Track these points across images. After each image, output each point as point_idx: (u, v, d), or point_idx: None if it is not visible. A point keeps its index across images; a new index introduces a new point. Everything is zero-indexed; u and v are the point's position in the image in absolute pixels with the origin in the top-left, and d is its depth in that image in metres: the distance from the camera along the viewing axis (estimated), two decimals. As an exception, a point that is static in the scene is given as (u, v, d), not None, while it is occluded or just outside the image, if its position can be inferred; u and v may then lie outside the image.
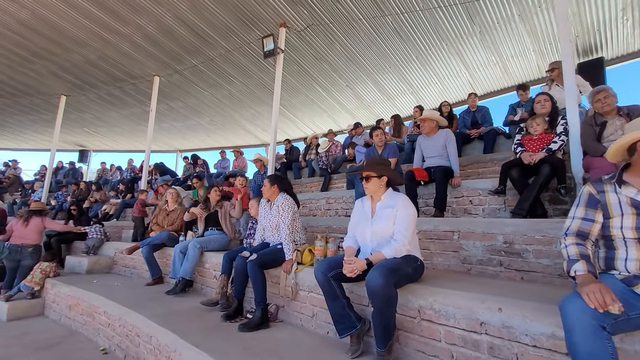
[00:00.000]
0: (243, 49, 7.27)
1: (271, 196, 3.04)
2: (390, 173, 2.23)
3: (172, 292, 3.60)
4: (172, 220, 4.50)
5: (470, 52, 6.93)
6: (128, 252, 4.18)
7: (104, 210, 8.29)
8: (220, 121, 11.47)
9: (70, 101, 10.24)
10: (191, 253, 3.59)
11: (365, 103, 9.53)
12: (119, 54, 7.64)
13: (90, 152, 15.72)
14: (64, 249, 6.24)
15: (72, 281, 4.36)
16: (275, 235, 3.02)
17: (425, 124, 3.75)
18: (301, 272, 2.73)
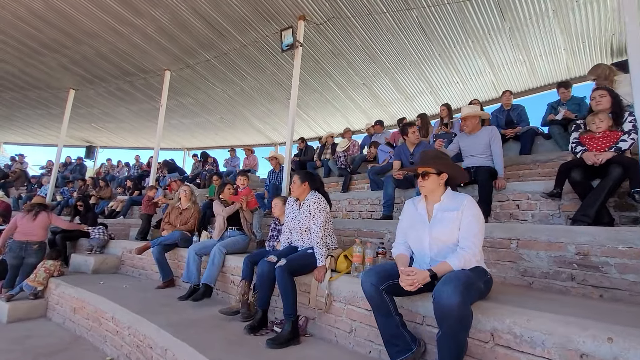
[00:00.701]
0: (259, 43, 7.01)
1: (301, 195, 2.74)
2: (452, 169, 1.92)
3: (187, 298, 3.31)
4: (186, 219, 4.21)
5: (497, 50, 6.60)
6: (138, 252, 3.90)
7: (110, 207, 8.05)
8: (230, 119, 11.22)
9: (79, 95, 10.06)
10: (217, 258, 3.29)
11: (381, 102, 9.22)
12: (131, 46, 7.42)
13: (97, 148, 15.57)
14: (68, 246, 5.99)
15: (77, 281, 4.08)
16: (304, 238, 2.71)
17: (467, 122, 3.44)
18: (336, 280, 2.42)
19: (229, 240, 3.53)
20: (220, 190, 3.88)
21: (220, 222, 3.68)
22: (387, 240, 3.09)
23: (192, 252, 3.47)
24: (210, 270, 3.27)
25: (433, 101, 8.82)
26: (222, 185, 3.88)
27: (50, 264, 4.44)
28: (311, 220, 2.63)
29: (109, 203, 8.36)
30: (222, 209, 3.69)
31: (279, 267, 2.40)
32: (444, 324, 1.50)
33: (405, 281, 1.66)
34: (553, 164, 3.67)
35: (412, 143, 3.87)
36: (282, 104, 9.78)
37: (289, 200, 2.89)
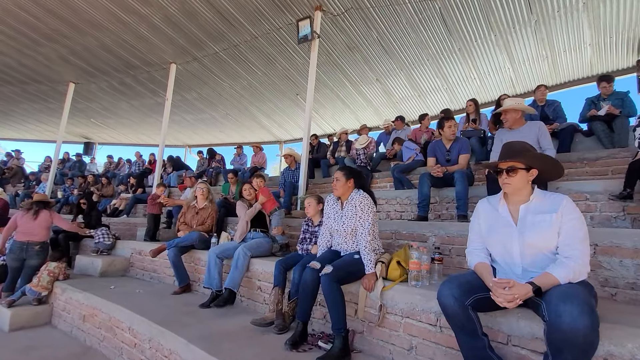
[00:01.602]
0: (271, 35, 6.71)
1: (344, 193, 2.46)
2: (545, 163, 1.65)
3: (209, 305, 3.02)
4: (202, 219, 3.92)
5: (519, 44, 6.37)
6: (153, 255, 3.61)
7: (113, 205, 7.72)
8: (235, 115, 10.90)
9: (78, 89, 9.70)
10: (241, 261, 3.01)
11: (394, 100, 8.96)
12: (136, 38, 7.09)
13: (96, 145, 15.17)
14: (72, 246, 5.67)
15: (85, 286, 3.78)
16: (349, 241, 2.43)
17: (508, 115, 3.18)
18: (390, 290, 2.15)
19: (252, 243, 3.25)
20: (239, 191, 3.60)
21: (242, 225, 3.39)
22: (431, 244, 2.82)
23: (213, 255, 3.18)
24: (233, 274, 2.99)
25: (447, 99, 8.59)
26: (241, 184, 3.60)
27: (54, 267, 4.13)
28: (358, 221, 2.35)
29: (111, 201, 8.02)
30: (244, 212, 3.41)
31: (326, 276, 2.13)
32: (563, 351, 1.24)
33: (503, 296, 1.39)
34: (603, 163, 3.43)
35: (448, 139, 3.60)
36: (291, 100, 9.49)
37: (329, 199, 2.61)
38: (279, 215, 3.47)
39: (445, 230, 2.79)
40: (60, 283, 3.95)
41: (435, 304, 1.91)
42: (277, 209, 3.50)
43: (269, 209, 3.47)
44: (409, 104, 9.09)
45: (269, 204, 3.46)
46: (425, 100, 8.79)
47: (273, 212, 3.48)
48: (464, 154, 3.49)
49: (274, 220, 3.48)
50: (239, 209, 3.47)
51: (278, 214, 3.47)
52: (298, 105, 9.79)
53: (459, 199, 3.23)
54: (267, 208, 3.48)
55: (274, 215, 3.47)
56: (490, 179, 3.04)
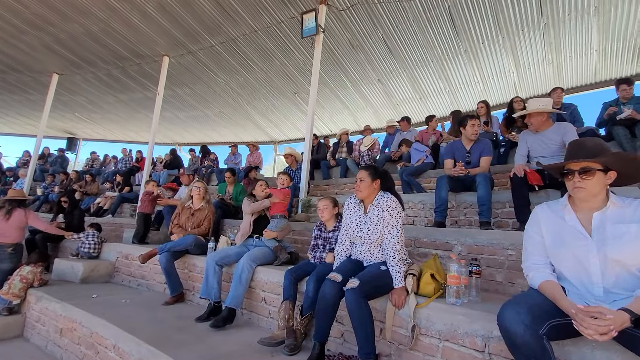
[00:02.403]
0: (271, 29, 6.41)
1: (369, 196, 2.17)
2: (629, 166, 1.40)
3: (206, 319, 2.68)
4: (199, 221, 3.56)
5: (526, 48, 6.25)
6: (143, 261, 3.23)
7: (97, 204, 7.23)
8: (229, 113, 10.51)
9: (62, 81, 9.16)
10: (245, 274, 2.67)
11: (394, 101, 8.76)
12: (127, 27, 6.67)
13: (80, 141, 14.49)
14: (50, 248, 5.20)
15: (64, 294, 3.37)
16: (374, 251, 2.14)
17: (532, 119, 2.97)
18: (424, 308, 1.87)
19: (257, 252, 2.91)
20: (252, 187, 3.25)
21: (245, 225, 3.06)
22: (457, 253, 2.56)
23: (212, 263, 2.84)
24: (236, 290, 2.65)
25: (448, 101, 8.44)
26: (255, 181, 3.26)
27: (27, 271, 3.68)
28: (385, 228, 2.07)
29: (95, 199, 7.52)
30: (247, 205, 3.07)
31: (352, 291, 1.83)
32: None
33: (594, 328, 1.13)
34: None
35: (470, 139, 3.37)
36: (288, 99, 9.18)
37: (349, 202, 2.32)
38: (280, 223, 3.12)
39: (473, 238, 2.54)
40: (34, 290, 3.52)
41: (481, 327, 1.65)
42: (282, 217, 3.15)
43: (274, 211, 3.13)
44: (409, 106, 8.90)
45: (278, 206, 3.12)
46: (426, 103, 8.63)
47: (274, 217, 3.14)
48: (486, 156, 3.26)
49: (271, 223, 3.14)
50: (245, 204, 3.13)
51: (279, 221, 3.12)
52: (295, 105, 9.50)
53: (482, 204, 2.99)
54: (273, 210, 3.15)
55: (274, 220, 3.13)
56: (516, 183, 2.80)
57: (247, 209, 3.10)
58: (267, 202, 3.08)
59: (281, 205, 3.14)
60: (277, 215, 3.12)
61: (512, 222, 3.12)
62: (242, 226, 3.13)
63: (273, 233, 3.03)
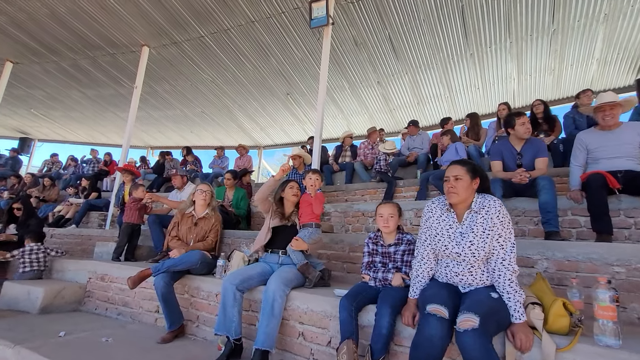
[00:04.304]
0: (270, 20, 5.85)
1: (466, 199, 1.66)
2: None
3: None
4: (204, 232, 2.86)
5: (532, 54, 6.17)
6: (133, 285, 2.47)
7: (57, 213, 6.15)
8: (212, 113, 9.71)
9: (17, 71, 7.98)
10: (279, 305, 2.03)
11: (391, 106, 8.47)
12: (101, 9, 5.84)
13: (35, 142, 12.87)
14: (-5, 267, 4.17)
15: (17, 332, 2.51)
16: (476, 272, 1.62)
17: (614, 111, 2.65)
18: (568, 352, 1.36)
19: (287, 272, 2.28)
20: (281, 189, 2.62)
21: (263, 230, 2.43)
22: (542, 269, 2.12)
23: (231, 288, 2.18)
24: (268, 325, 2.01)
25: (446, 107, 8.27)
26: (285, 183, 2.63)
27: None
28: (496, 242, 1.56)
29: (54, 207, 6.42)
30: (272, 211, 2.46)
31: (473, 333, 1.29)
32: None
33: None
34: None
35: (520, 139, 2.99)
36: (279, 100, 8.60)
37: (431, 207, 1.79)
38: (315, 234, 2.53)
39: (563, 251, 2.10)
40: (-26, 327, 2.62)
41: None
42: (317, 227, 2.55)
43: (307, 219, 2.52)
44: (405, 112, 8.65)
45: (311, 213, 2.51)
46: (423, 109, 8.42)
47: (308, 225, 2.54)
48: (543, 157, 2.90)
49: (302, 232, 2.53)
50: None
51: (314, 231, 2.52)
52: (287, 107, 8.93)
53: (548, 211, 2.59)
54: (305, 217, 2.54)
55: (308, 229, 2.52)
56: (594, 187, 2.43)
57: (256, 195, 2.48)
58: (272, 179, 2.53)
59: (314, 213, 2.54)
60: (313, 224, 2.52)
61: (577, 233, 2.76)
62: (259, 237, 2.49)
63: (304, 244, 2.42)
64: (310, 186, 2.65)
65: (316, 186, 2.66)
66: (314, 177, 2.66)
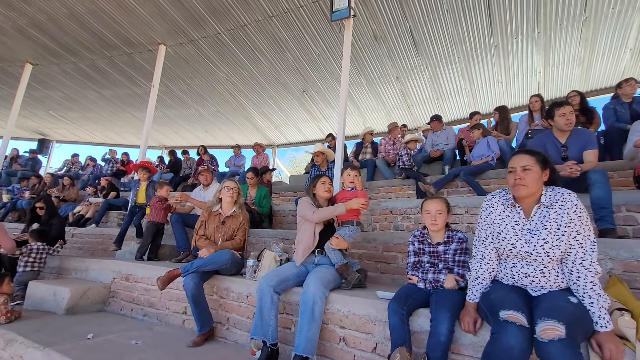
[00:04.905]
0: (288, 15, 5.73)
1: (535, 193, 1.50)
2: None
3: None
4: (231, 231, 2.76)
5: (560, 44, 5.90)
6: (163, 286, 2.38)
7: (77, 212, 6.17)
8: (227, 112, 9.66)
9: (36, 72, 8.06)
10: (319, 308, 1.90)
11: (409, 102, 8.26)
12: (119, 7, 5.81)
13: (53, 143, 13.08)
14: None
15: (45, 334, 2.45)
16: (550, 273, 1.45)
17: None
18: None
19: (324, 273, 2.15)
20: (312, 185, 2.50)
21: (309, 236, 2.30)
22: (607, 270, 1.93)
23: (268, 290, 2.06)
24: (309, 329, 1.88)
25: (467, 102, 8.03)
26: (316, 178, 2.51)
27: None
28: (572, 240, 1.40)
29: (74, 207, 6.44)
30: (311, 211, 2.32)
31: (560, 343, 1.14)
32: None
33: None
34: None
35: (563, 130, 2.79)
36: (295, 97, 8.48)
37: (492, 202, 1.64)
38: (355, 232, 2.39)
39: (631, 251, 1.91)
40: (1, 328, 2.57)
41: None
42: (358, 224, 2.41)
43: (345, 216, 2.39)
44: (423, 107, 8.43)
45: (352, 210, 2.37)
46: (443, 104, 8.18)
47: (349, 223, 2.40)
48: (592, 149, 2.69)
49: (342, 230, 2.39)
50: (305, 208, 2.37)
51: (354, 229, 2.38)
52: (302, 104, 8.81)
53: (602, 207, 2.39)
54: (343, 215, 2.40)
55: (348, 227, 2.38)
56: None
57: (314, 214, 2.32)
58: (343, 207, 2.32)
59: (354, 211, 2.39)
60: (354, 222, 2.37)
61: (634, 230, 2.55)
62: (306, 238, 2.35)
63: (344, 242, 2.29)
64: (349, 182, 2.52)
65: (356, 183, 2.52)
66: (353, 173, 2.52)
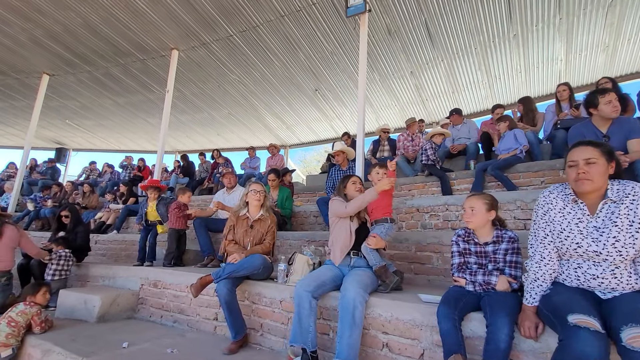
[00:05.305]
0: (300, 13, 5.66)
1: (601, 187, 1.39)
2: None
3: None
4: (260, 235, 2.71)
5: (584, 30, 5.67)
6: (196, 293, 2.35)
7: (98, 219, 6.24)
8: (239, 114, 9.66)
9: (53, 83, 8.19)
10: (360, 310, 1.84)
11: (424, 96, 8.10)
12: (132, 14, 5.83)
13: (70, 151, 13.33)
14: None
15: (80, 344, 2.44)
16: (622, 274, 1.35)
17: None
18: None
19: (362, 276, 2.08)
20: (342, 185, 2.43)
21: (346, 236, 2.23)
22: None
23: (306, 295, 1.99)
24: (351, 336, 1.81)
25: (484, 95, 7.83)
26: (346, 178, 2.44)
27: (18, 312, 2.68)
28: (646, 237, 1.29)
29: (94, 214, 6.52)
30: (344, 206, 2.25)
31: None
32: None
33: None
34: None
35: (605, 119, 2.65)
36: (307, 97, 8.41)
37: (550, 197, 1.53)
38: (391, 230, 2.32)
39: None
40: (37, 339, 2.58)
41: None
42: (392, 222, 2.34)
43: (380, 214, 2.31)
44: (438, 101, 8.26)
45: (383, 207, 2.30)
46: (458, 98, 8.00)
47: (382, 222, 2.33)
48: (637, 137, 2.54)
49: (377, 229, 2.32)
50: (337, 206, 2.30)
51: (390, 227, 2.31)
52: (314, 103, 8.74)
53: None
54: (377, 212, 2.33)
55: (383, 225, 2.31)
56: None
57: (347, 207, 2.23)
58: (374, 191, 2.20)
59: (387, 206, 2.32)
60: (388, 219, 2.30)
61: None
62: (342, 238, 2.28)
63: (382, 242, 2.22)
64: (378, 181, 2.44)
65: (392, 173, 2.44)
66: (382, 171, 2.44)
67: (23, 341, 2.67)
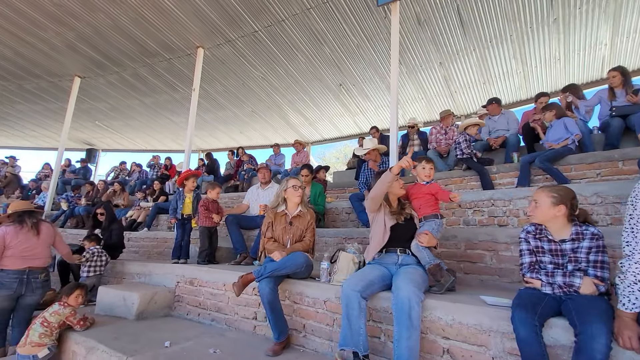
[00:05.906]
0: (327, 5, 5.51)
1: None
2: None
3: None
4: (300, 232, 2.60)
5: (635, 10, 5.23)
6: (239, 292, 2.28)
7: (129, 217, 6.36)
8: (262, 112, 9.63)
9: (84, 85, 8.42)
10: (417, 311, 1.70)
11: (452, 88, 7.79)
12: (159, 13, 5.86)
13: (99, 152, 13.78)
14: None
15: (123, 342, 2.41)
16: None
17: None
18: None
19: (414, 274, 1.94)
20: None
21: (379, 231, 2.10)
22: None
23: (354, 295, 1.87)
24: (410, 338, 1.67)
25: (517, 85, 7.44)
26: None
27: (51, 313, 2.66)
28: None
29: (125, 212, 6.66)
30: None
31: None
32: None
33: None
34: None
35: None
36: (331, 92, 8.26)
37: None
38: (440, 227, 2.17)
39: None
40: (80, 336, 2.58)
41: None
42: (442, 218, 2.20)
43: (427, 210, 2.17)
44: (468, 93, 7.92)
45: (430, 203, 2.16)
46: (490, 88, 7.63)
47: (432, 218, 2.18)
48: None
49: (428, 225, 2.18)
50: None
51: (439, 223, 2.17)
52: (338, 98, 8.59)
53: None
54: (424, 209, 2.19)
55: (432, 221, 2.16)
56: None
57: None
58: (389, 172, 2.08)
59: (434, 202, 2.17)
60: (439, 216, 2.15)
61: None
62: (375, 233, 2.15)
63: (434, 239, 2.07)
64: (424, 176, 2.29)
65: (431, 176, 2.30)
66: (428, 165, 2.31)
67: (60, 340, 2.68)
